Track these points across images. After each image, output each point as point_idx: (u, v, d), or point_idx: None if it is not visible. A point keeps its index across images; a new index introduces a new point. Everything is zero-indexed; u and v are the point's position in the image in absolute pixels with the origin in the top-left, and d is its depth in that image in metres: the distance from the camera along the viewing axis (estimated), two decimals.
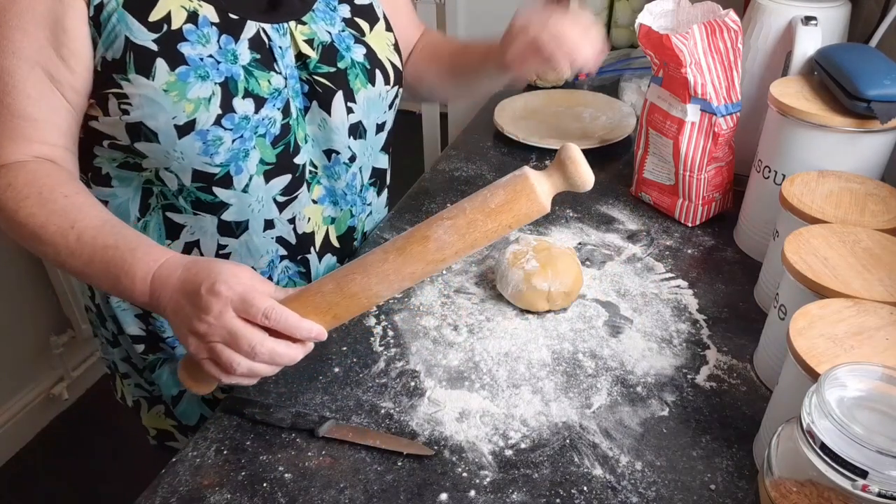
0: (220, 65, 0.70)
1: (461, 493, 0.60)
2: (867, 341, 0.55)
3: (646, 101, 0.95)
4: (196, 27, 0.69)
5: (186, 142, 0.70)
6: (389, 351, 0.75)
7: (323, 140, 0.83)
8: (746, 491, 0.59)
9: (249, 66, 0.73)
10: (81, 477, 1.75)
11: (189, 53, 0.69)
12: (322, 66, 0.79)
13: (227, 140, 0.72)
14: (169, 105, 0.68)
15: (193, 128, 0.70)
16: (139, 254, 0.64)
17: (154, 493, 0.60)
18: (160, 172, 0.74)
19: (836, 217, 0.70)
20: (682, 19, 0.91)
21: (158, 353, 0.88)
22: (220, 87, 0.70)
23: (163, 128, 0.69)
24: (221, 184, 0.75)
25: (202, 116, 0.70)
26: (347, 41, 0.81)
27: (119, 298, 0.84)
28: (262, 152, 0.77)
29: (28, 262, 1.74)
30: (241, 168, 0.75)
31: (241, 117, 0.72)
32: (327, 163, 0.84)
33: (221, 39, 0.71)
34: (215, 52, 0.70)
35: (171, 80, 0.68)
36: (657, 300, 0.82)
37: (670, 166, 0.92)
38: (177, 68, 0.68)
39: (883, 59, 0.79)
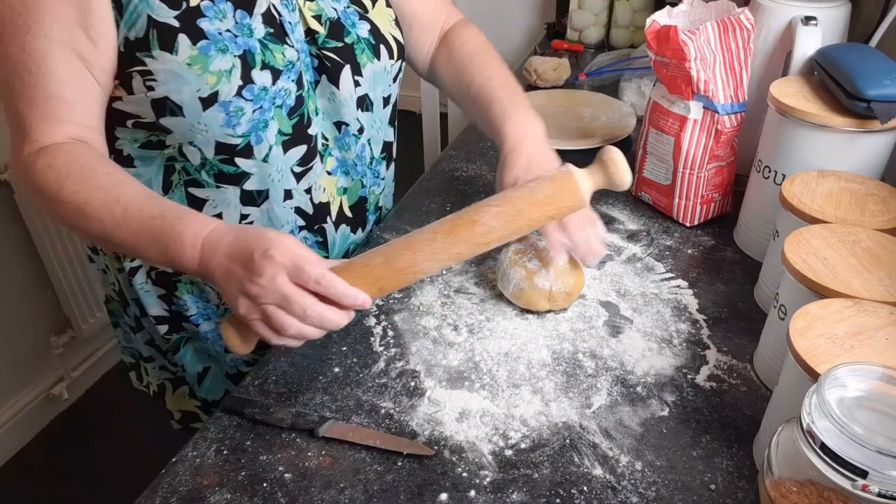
0: (238, 38, 0.73)
1: (461, 493, 0.60)
2: (867, 341, 0.55)
3: (649, 100, 0.95)
4: (213, 3, 0.72)
5: (210, 114, 0.73)
6: (389, 351, 0.75)
7: (333, 112, 0.86)
8: (746, 491, 0.59)
9: (264, 40, 0.75)
10: (81, 477, 1.75)
11: (208, 28, 0.71)
12: (330, 41, 0.82)
13: (248, 111, 0.75)
14: (192, 78, 0.71)
15: (216, 99, 0.72)
16: (186, 221, 0.67)
17: (154, 493, 0.60)
18: (183, 147, 0.76)
19: (836, 217, 0.70)
20: (696, 18, 0.91)
21: (181, 333, 0.90)
22: (239, 60, 0.73)
23: (187, 101, 0.71)
24: (243, 154, 0.78)
25: (224, 88, 0.72)
26: (352, 17, 0.84)
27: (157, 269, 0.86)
28: (280, 123, 0.80)
29: (28, 262, 1.74)
30: (261, 138, 0.78)
31: (259, 88, 0.75)
32: (338, 134, 0.88)
33: (237, 14, 0.73)
34: (232, 26, 0.73)
35: (193, 55, 0.70)
36: (657, 300, 0.82)
37: (668, 165, 0.92)
38: (198, 42, 0.70)
39: (883, 59, 0.79)
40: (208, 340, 0.91)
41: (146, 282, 0.86)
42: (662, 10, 0.89)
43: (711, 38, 0.84)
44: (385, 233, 0.95)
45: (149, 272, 0.86)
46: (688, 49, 0.82)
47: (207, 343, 0.91)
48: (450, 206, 1.01)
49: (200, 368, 0.93)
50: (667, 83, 0.90)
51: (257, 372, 0.72)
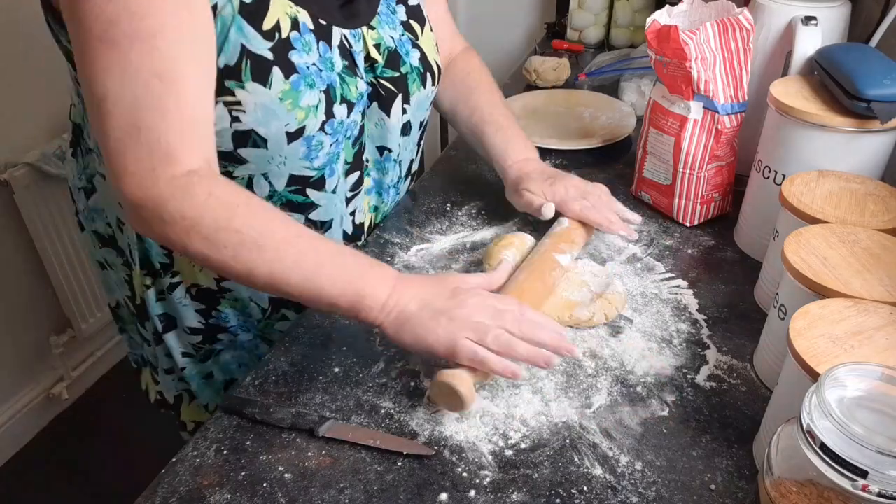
0: (322, 73, 0.72)
1: (461, 493, 0.60)
2: (867, 341, 0.55)
3: (649, 100, 0.95)
4: (300, 34, 0.70)
5: (292, 147, 0.72)
6: (389, 351, 0.75)
7: (378, 137, 0.87)
8: (746, 491, 0.59)
9: (342, 74, 0.75)
10: (81, 477, 1.75)
11: (298, 62, 0.70)
12: (387, 70, 0.82)
13: (327, 144, 0.75)
14: (283, 113, 0.69)
15: (302, 134, 0.72)
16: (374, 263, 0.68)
17: (154, 493, 0.60)
18: (254, 179, 0.74)
19: (836, 217, 0.70)
20: (696, 18, 0.91)
21: (215, 345, 0.90)
22: (324, 95, 0.72)
23: (273, 134, 0.70)
24: (315, 186, 0.78)
25: (311, 123, 0.72)
26: (406, 45, 0.85)
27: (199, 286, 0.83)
28: (346, 153, 0.80)
29: (28, 262, 1.74)
30: (333, 170, 0.79)
31: (338, 122, 0.75)
32: (378, 158, 0.89)
33: (320, 47, 0.72)
34: (317, 59, 0.72)
35: (285, 89, 0.69)
36: (657, 300, 0.82)
37: (668, 165, 0.92)
38: (290, 77, 0.69)
39: (883, 59, 0.79)
40: (244, 349, 0.91)
41: (185, 296, 0.85)
42: (662, 10, 0.89)
43: (711, 38, 0.84)
44: (385, 233, 0.95)
45: (188, 288, 0.84)
46: (688, 49, 0.82)
47: (244, 350, 0.91)
48: (449, 205, 1.01)
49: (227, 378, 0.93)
50: (667, 83, 0.90)
51: (257, 372, 0.72)
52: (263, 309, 0.87)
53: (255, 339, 0.91)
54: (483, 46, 1.04)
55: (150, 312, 0.88)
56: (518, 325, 0.64)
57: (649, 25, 0.87)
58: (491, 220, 0.97)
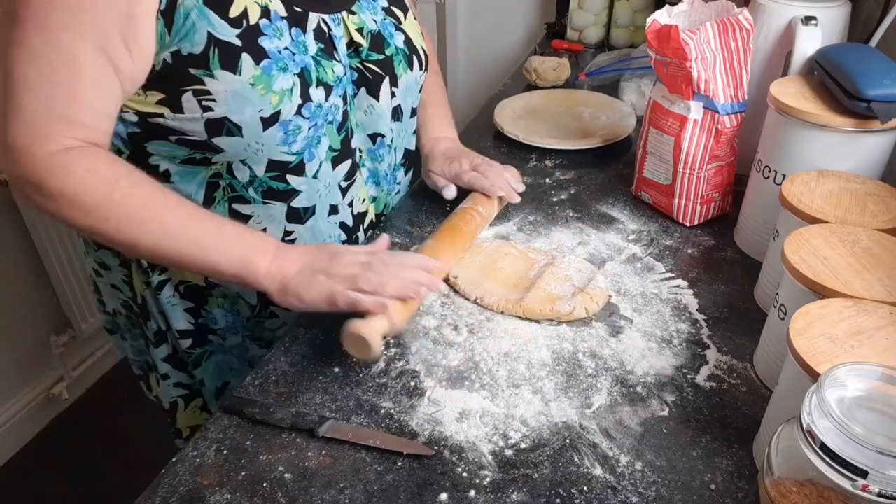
0: (295, 56, 0.73)
1: (461, 493, 0.60)
2: (867, 341, 0.55)
3: (650, 100, 0.95)
4: (270, 21, 0.71)
5: (269, 133, 0.73)
6: (389, 351, 0.75)
7: (369, 125, 0.87)
8: (746, 491, 0.59)
9: (317, 57, 0.75)
10: (81, 477, 1.75)
11: (269, 47, 0.70)
12: (372, 53, 0.83)
13: (305, 128, 0.75)
14: (256, 98, 0.70)
15: (278, 119, 0.72)
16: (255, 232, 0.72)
17: (154, 493, 0.60)
18: (233, 165, 0.75)
19: (836, 217, 0.70)
20: (696, 18, 0.91)
21: (205, 347, 0.90)
22: (298, 78, 0.73)
23: (248, 121, 0.71)
24: (295, 171, 0.78)
25: (286, 107, 0.72)
26: (389, 28, 0.85)
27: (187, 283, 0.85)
28: (331, 139, 0.81)
29: (28, 262, 1.74)
30: (313, 155, 0.79)
31: (315, 105, 0.75)
32: (372, 146, 0.89)
33: (292, 32, 0.73)
34: (289, 44, 0.72)
35: (256, 74, 0.69)
36: (657, 300, 0.82)
37: (668, 165, 0.92)
38: (261, 62, 0.69)
39: (883, 59, 0.79)
40: (233, 354, 0.91)
41: (173, 295, 0.85)
42: (662, 10, 0.89)
43: (711, 38, 0.84)
44: (385, 233, 0.94)
45: (177, 286, 0.84)
46: (689, 49, 0.82)
47: (232, 356, 0.91)
48: (449, 205, 1.01)
49: (220, 384, 0.93)
50: (667, 83, 0.90)
51: (257, 372, 0.72)
52: (252, 306, 0.87)
53: (244, 342, 0.91)
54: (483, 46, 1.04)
55: (151, 310, 0.88)
56: (385, 266, 0.70)
57: (649, 25, 0.87)
58: None
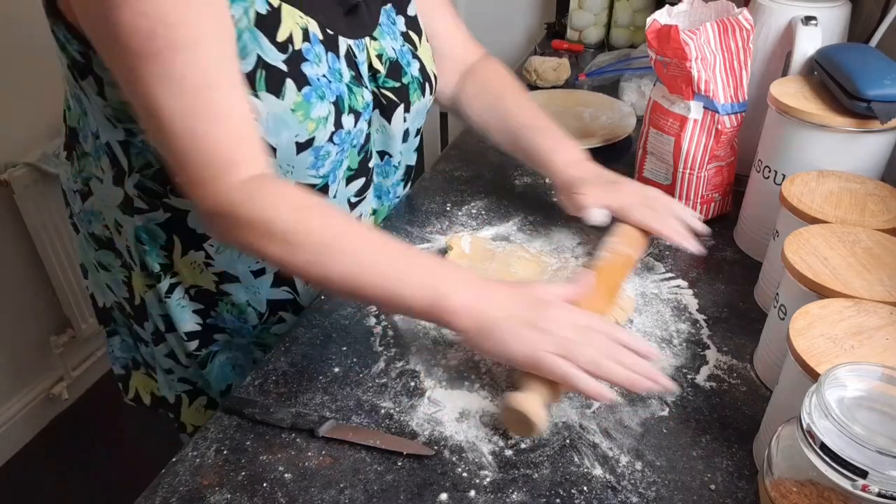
0: (332, 84, 0.72)
1: (461, 493, 0.60)
2: (867, 341, 0.55)
3: (650, 100, 0.95)
4: (311, 45, 0.70)
5: (301, 157, 0.72)
6: (389, 351, 0.75)
7: (380, 144, 0.87)
8: (746, 491, 0.59)
9: (350, 84, 0.75)
10: (81, 477, 1.75)
11: (310, 74, 0.70)
12: (389, 80, 0.82)
13: (333, 154, 0.75)
14: (294, 124, 0.69)
15: (311, 145, 0.72)
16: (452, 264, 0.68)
17: (154, 493, 0.60)
18: None
19: (836, 217, 0.70)
20: (696, 18, 0.91)
21: (212, 346, 0.89)
22: (333, 106, 0.72)
23: (284, 145, 0.70)
24: (318, 193, 0.78)
25: (320, 134, 0.72)
26: (407, 56, 0.85)
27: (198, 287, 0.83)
28: (350, 160, 0.81)
29: (28, 262, 1.74)
30: (335, 177, 0.79)
31: (346, 132, 0.75)
32: (379, 162, 0.89)
33: (329, 58, 0.72)
34: (327, 71, 0.72)
35: (297, 101, 0.69)
36: (657, 300, 0.81)
37: (668, 166, 0.92)
38: (302, 88, 0.69)
39: (883, 59, 0.79)
40: (241, 349, 0.91)
41: (183, 297, 0.85)
42: (662, 10, 0.89)
43: (711, 38, 0.84)
44: None
45: (187, 289, 0.84)
46: (689, 49, 0.82)
47: (239, 352, 0.91)
48: (449, 205, 1.01)
49: (224, 386, 0.93)
50: (667, 83, 0.90)
51: (257, 372, 0.72)
52: (261, 313, 0.87)
53: (249, 344, 0.91)
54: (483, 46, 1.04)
55: (151, 312, 0.88)
56: (608, 346, 0.61)
57: (649, 25, 0.87)
58: (491, 220, 0.97)
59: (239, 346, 0.91)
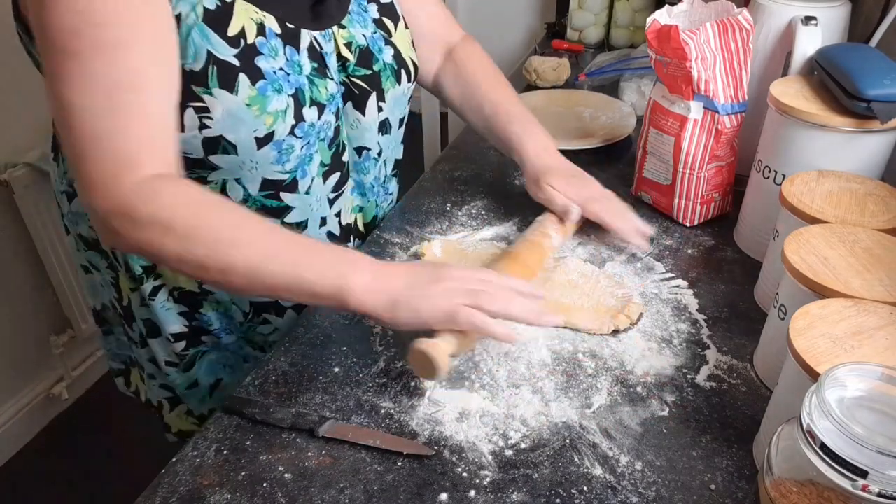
0: (290, 76, 0.72)
1: (461, 493, 0.60)
2: (867, 341, 0.55)
3: (650, 100, 0.95)
4: (266, 39, 0.70)
5: (263, 152, 0.72)
6: (389, 351, 0.75)
7: (355, 138, 0.86)
8: (746, 491, 0.59)
9: (311, 76, 0.74)
10: (81, 477, 1.75)
11: (265, 67, 0.69)
12: (359, 69, 0.82)
13: (298, 147, 0.75)
14: (250, 119, 0.69)
15: (272, 139, 0.71)
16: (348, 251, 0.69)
17: (154, 493, 0.60)
18: (227, 184, 0.75)
19: (836, 217, 0.70)
20: (696, 18, 0.91)
21: (199, 347, 0.89)
22: (292, 99, 0.72)
23: (243, 140, 0.70)
24: (288, 189, 0.78)
25: (279, 128, 0.71)
26: (379, 43, 0.84)
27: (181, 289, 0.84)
28: (322, 155, 0.80)
29: (28, 262, 1.74)
30: (305, 172, 0.78)
31: (308, 125, 0.75)
32: (357, 159, 0.88)
33: (287, 51, 0.72)
34: (284, 64, 0.71)
35: (252, 95, 0.68)
36: (657, 300, 0.82)
37: (668, 165, 0.92)
38: (257, 82, 0.69)
39: (883, 59, 0.79)
40: (228, 350, 0.91)
41: (167, 299, 0.85)
42: (662, 10, 0.89)
43: (711, 38, 0.84)
44: (385, 233, 0.95)
45: (171, 291, 0.84)
46: (689, 49, 0.82)
47: (228, 352, 0.91)
48: (449, 205, 1.01)
49: (213, 380, 0.92)
50: (667, 83, 0.90)
51: (257, 372, 0.72)
52: (245, 312, 0.87)
53: (239, 341, 0.91)
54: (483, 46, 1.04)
55: (136, 315, 0.88)
56: (501, 289, 0.67)
57: (649, 25, 0.87)
58: (491, 220, 0.97)
59: (227, 346, 0.91)
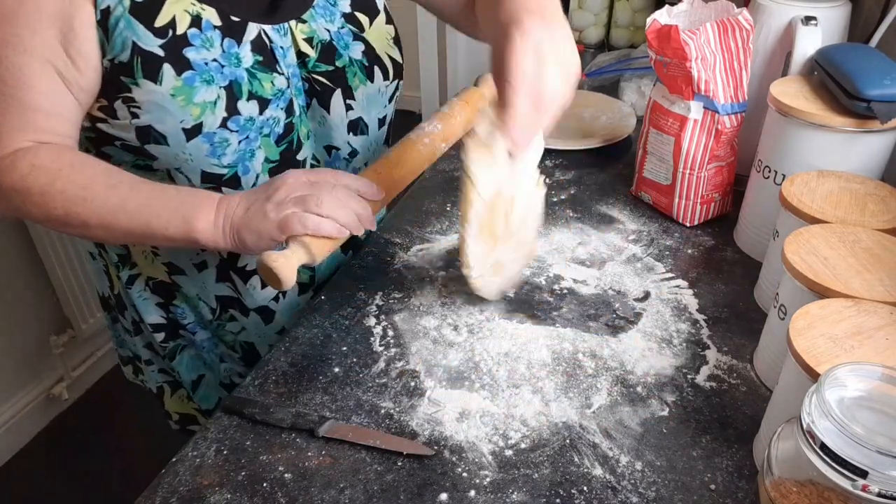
0: (224, 68, 0.71)
1: (461, 493, 0.60)
2: (867, 341, 0.55)
3: (650, 100, 0.95)
4: (200, 31, 0.70)
5: (194, 144, 0.71)
6: (389, 351, 0.75)
7: (323, 136, 0.84)
8: (746, 491, 0.59)
9: (252, 69, 0.73)
10: (81, 477, 1.75)
11: (194, 58, 0.69)
12: (320, 64, 0.80)
13: (234, 141, 0.74)
14: (176, 109, 0.69)
15: (200, 130, 0.71)
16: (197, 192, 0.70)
17: (154, 493, 0.60)
18: (172, 173, 0.75)
19: (836, 217, 0.70)
20: (695, 18, 0.91)
21: (178, 340, 0.90)
22: (224, 91, 0.71)
23: (171, 131, 0.70)
24: (230, 184, 0.77)
25: (208, 119, 0.71)
26: (346, 39, 0.82)
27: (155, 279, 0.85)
28: (267, 151, 0.78)
29: (28, 262, 1.74)
30: (247, 168, 0.77)
31: (245, 119, 0.73)
32: (328, 158, 0.86)
33: (224, 43, 0.71)
34: (219, 55, 0.71)
35: (177, 85, 0.68)
36: (657, 300, 0.82)
37: (668, 165, 0.92)
38: (183, 73, 0.69)
39: (883, 59, 0.79)
40: (203, 349, 0.91)
41: (144, 289, 0.85)
42: (662, 10, 0.89)
43: (711, 38, 0.84)
44: (385, 233, 0.95)
45: (147, 281, 0.85)
46: (689, 48, 0.82)
47: (203, 351, 0.91)
48: (449, 205, 1.01)
49: (195, 376, 0.93)
50: (667, 83, 0.90)
51: (257, 372, 0.72)
52: (212, 308, 0.87)
53: (212, 339, 0.91)
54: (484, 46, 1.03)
55: (126, 302, 0.89)
56: (332, 189, 0.68)
57: (649, 25, 0.87)
58: None
59: (203, 343, 0.91)
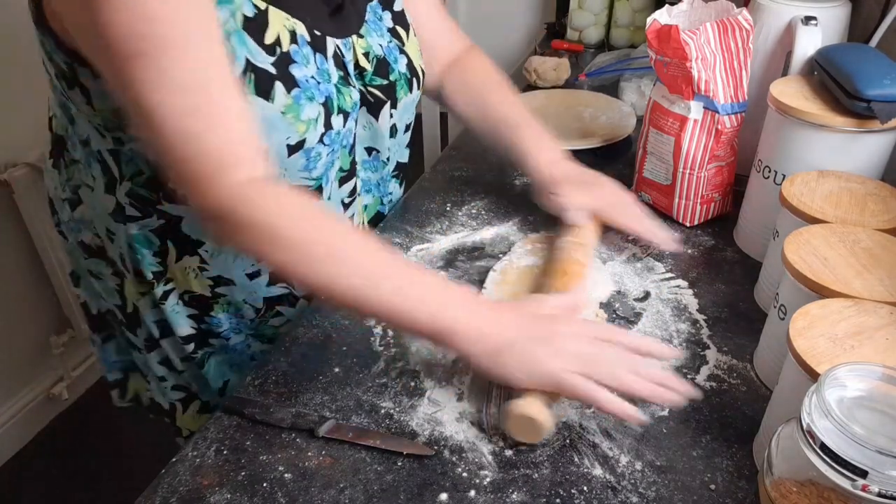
0: (321, 84, 0.72)
1: (461, 493, 0.60)
2: (867, 341, 0.55)
3: (650, 100, 0.95)
4: (298, 47, 0.70)
5: (293, 159, 0.72)
6: (389, 351, 0.75)
7: (367, 139, 0.86)
8: (746, 491, 0.59)
9: (338, 84, 0.75)
10: (81, 477, 1.75)
11: (298, 76, 0.69)
12: (376, 78, 0.82)
13: (324, 154, 0.75)
14: (285, 126, 0.69)
15: (302, 146, 0.71)
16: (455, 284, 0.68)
17: (154, 493, 0.60)
18: None
19: (836, 217, 0.70)
20: (695, 18, 0.91)
21: (206, 348, 0.89)
22: (322, 107, 0.72)
23: (275, 147, 0.70)
24: (313, 196, 0.77)
25: (311, 136, 0.71)
26: (394, 52, 0.84)
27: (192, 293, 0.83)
28: (342, 161, 0.80)
29: (28, 262, 1.74)
30: (328, 178, 0.79)
31: (335, 133, 0.75)
32: (367, 158, 0.88)
33: (317, 59, 0.72)
34: (315, 72, 0.71)
35: (288, 103, 0.68)
36: (657, 300, 0.81)
37: (668, 165, 0.92)
38: (291, 91, 0.69)
39: (883, 59, 0.79)
40: (236, 351, 0.91)
41: (177, 303, 0.84)
42: (662, 10, 0.89)
43: (711, 38, 0.84)
44: (384, 233, 0.95)
45: (181, 295, 0.84)
46: (689, 48, 0.82)
47: (234, 355, 0.91)
48: (449, 205, 1.01)
49: (221, 383, 0.93)
50: (667, 83, 0.90)
51: (257, 372, 0.72)
52: (258, 309, 0.87)
53: (246, 340, 0.91)
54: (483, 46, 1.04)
55: (145, 320, 0.87)
56: (624, 357, 0.61)
57: (649, 25, 0.87)
58: (491, 220, 0.97)
59: (234, 348, 0.91)
